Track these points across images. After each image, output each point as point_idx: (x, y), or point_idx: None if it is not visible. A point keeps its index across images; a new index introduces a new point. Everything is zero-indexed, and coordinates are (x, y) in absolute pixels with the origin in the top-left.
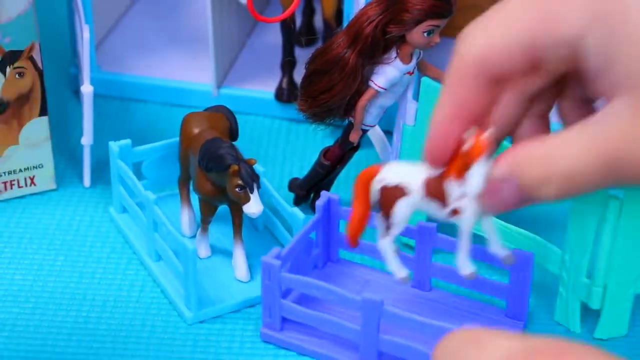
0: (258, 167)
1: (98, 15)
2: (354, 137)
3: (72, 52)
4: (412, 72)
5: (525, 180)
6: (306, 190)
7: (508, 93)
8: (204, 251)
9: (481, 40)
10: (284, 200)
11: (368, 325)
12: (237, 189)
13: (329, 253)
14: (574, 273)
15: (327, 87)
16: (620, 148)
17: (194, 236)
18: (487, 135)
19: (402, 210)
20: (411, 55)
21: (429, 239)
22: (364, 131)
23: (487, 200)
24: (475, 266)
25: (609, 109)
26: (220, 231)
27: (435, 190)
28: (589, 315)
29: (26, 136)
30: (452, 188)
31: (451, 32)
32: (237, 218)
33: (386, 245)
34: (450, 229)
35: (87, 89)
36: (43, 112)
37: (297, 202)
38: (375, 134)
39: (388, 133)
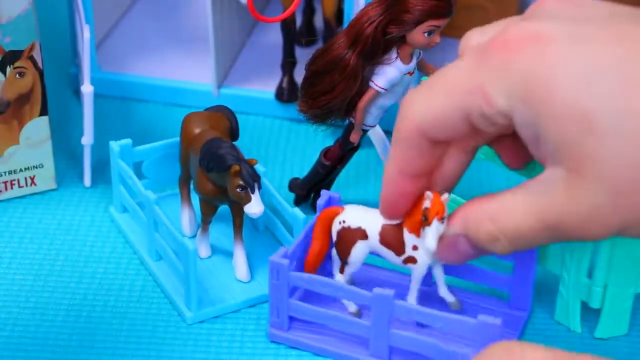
0: (259, 167)
1: (98, 15)
2: (354, 138)
3: (72, 52)
4: (413, 73)
5: (478, 238)
6: (306, 190)
7: (452, 149)
8: (204, 251)
9: (423, 108)
10: (285, 201)
11: (379, 320)
12: (238, 189)
13: (329, 253)
14: (575, 272)
15: (328, 88)
16: (558, 217)
17: (194, 236)
18: (445, 197)
19: (358, 252)
20: (411, 56)
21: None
22: (365, 131)
23: (445, 254)
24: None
25: (546, 178)
26: (221, 231)
27: (390, 239)
28: (590, 314)
29: (26, 136)
30: (408, 238)
31: (452, 32)
32: (238, 218)
33: (342, 280)
34: None
35: (87, 88)
36: (43, 112)
37: (297, 202)
38: (376, 134)
39: (388, 133)
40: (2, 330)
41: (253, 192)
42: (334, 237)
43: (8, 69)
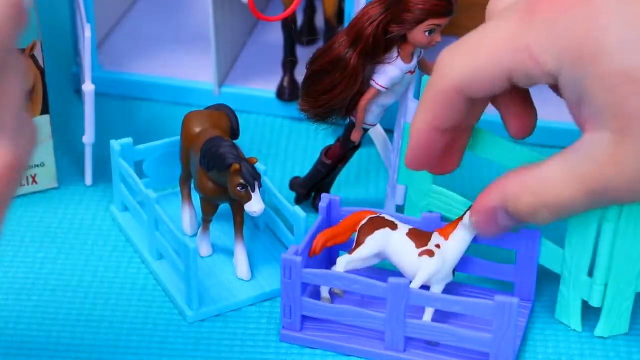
0: (259, 166)
1: (100, 14)
2: (355, 137)
3: (73, 51)
4: (414, 72)
5: (519, 211)
6: (307, 189)
7: (479, 104)
8: (205, 250)
9: (464, 66)
10: (286, 199)
11: (395, 310)
12: (238, 188)
13: (330, 255)
14: (575, 271)
15: (329, 88)
16: (603, 181)
17: (195, 235)
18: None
19: (380, 237)
20: (412, 55)
21: (433, 228)
22: (366, 130)
23: (483, 226)
24: None
25: (587, 142)
26: (222, 230)
27: (417, 234)
28: (590, 313)
29: None
30: (435, 238)
31: (453, 31)
32: (239, 217)
33: (343, 260)
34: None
35: (88, 87)
36: (45, 110)
37: (298, 201)
38: (377, 132)
39: (389, 132)
40: (4, 329)
41: (254, 191)
42: (364, 222)
43: None
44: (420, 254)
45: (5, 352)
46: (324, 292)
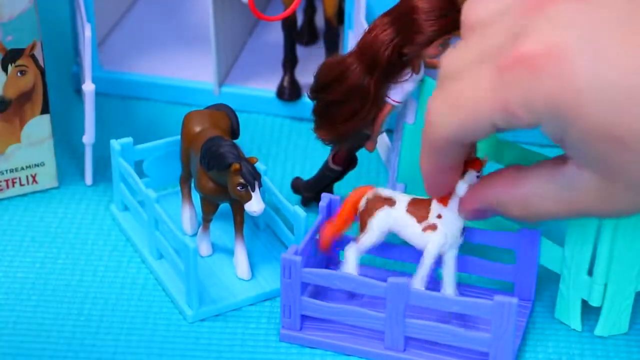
0: (259, 166)
1: (100, 13)
2: (370, 147)
3: (73, 51)
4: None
5: (509, 216)
6: (314, 193)
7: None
8: (205, 249)
9: (449, 123)
10: (286, 199)
11: (394, 310)
12: (238, 188)
13: (330, 255)
14: (575, 270)
15: (349, 116)
16: (589, 210)
17: (195, 234)
18: (484, 159)
19: (381, 218)
20: (421, 63)
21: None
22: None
23: (472, 218)
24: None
25: (574, 174)
26: (222, 229)
27: (417, 207)
28: (590, 312)
29: (28, 134)
30: (434, 207)
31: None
32: (239, 216)
33: (352, 251)
34: None
35: (88, 87)
36: (45, 110)
37: (305, 203)
38: (380, 138)
39: (389, 132)
40: (3, 328)
41: (253, 191)
42: (362, 206)
43: (10, 68)
44: (424, 229)
45: (5, 352)
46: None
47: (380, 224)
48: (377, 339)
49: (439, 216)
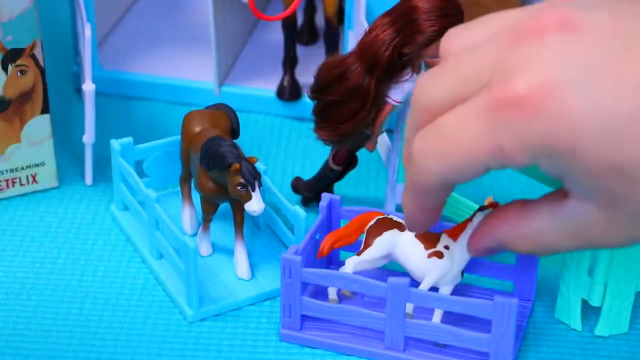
0: (259, 165)
1: (100, 13)
2: (370, 147)
3: (74, 50)
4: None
5: (515, 250)
6: (314, 193)
7: None
8: (205, 249)
9: (440, 168)
10: (286, 199)
11: (394, 310)
12: (238, 187)
13: (330, 255)
14: (575, 271)
15: (350, 117)
16: (597, 240)
17: (195, 234)
18: (488, 200)
19: (387, 238)
20: (421, 63)
21: (439, 229)
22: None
23: (476, 252)
24: None
25: (577, 208)
26: (222, 229)
27: (426, 236)
28: (590, 312)
29: (28, 134)
30: (444, 239)
31: None
32: (239, 216)
33: (350, 265)
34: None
35: (88, 87)
36: (45, 110)
37: (305, 203)
38: (380, 138)
39: (389, 131)
40: (3, 328)
41: (254, 190)
42: (371, 223)
43: (10, 67)
44: (429, 255)
45: (4, 352)
46: (332, 293)
47: (384, 242)
48: (377, 339)
49: (446, 247)
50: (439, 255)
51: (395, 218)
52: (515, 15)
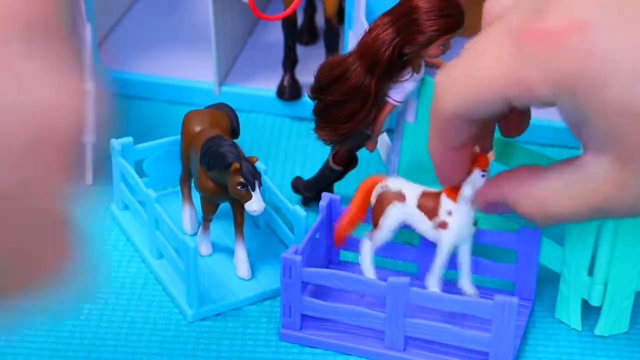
0: (260, 165)
1: (100, 13)
2: (371, 147)
3: None
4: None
5: (521, 213)
6: (315, 193)
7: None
8: (205, 249)
9: (462, 97)
10: (286, 199)
11: (394, 309)
12: (238, 187)
13: (330, 255)
14: (575, 270)
15: (350, 117)
16: (607, 204)
17: (195, 234)
18: (490, 154)
19: (392, 214)
20: (421, 62)
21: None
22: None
23: (484, 211)
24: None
25: (591, 164)
26: (222, 229)
27: (427, 203)
28: (590, 312)
29: None
30: (444, 202)
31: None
32: (239, 216)
33: (367, 246)
34: None
35: (88, 86)
36: None
37: (305, 203)
38: (380, 138)
39: (389, 131)
40: None
41: (254, 190)
42: (373, 201)
43: None
44: (436, 227)
45: (4, 352)
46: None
47: (392, 221)
48: (377, 338)
49: (450, 213)
50: (444, 225)
51: (392, 187)
52: None
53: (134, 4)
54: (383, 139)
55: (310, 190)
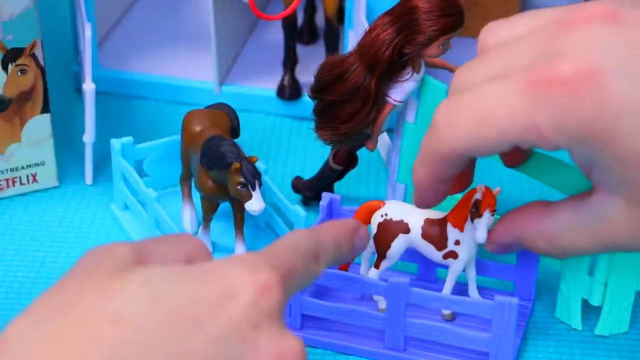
0: (260, 165)
1: (100, 12)
2: (371, 147)
3: (74, 50)
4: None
5: (535, 250)
6: (315, 193)
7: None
8: None
9: (466, 136)
10: (286, 198)
11: (394, 309)
12: (238, 187)
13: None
14: (575, 270)
15: (350, 117)
16: (618, 242)
17: (195, 233)
18: (496, 190)
19: (398, 246)
20: (421, 62)
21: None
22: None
23: (493, 249)
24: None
25: (603, 204)
26: (222, 228)
27: (433, 233)
28: (590, 312)
29: (28, 133)
30: (451, 233)
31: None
32: (239, 215)
33: (373, 273)
34: None
35: (89, 86)
36: (45, 109)
37: (306, 203)
38: (381, 138)
39: (389, 131)
40: (3, 327)
41: (254, 190)
42: (374, 230)
43: (10, 67)
44: (445, 257)
45: None
46: (381, 304)
47: (398, 251)
48: (377, 338)
49: (457, 242)
50: (454, 255)
51: (393, 217)
52: (558, 11)
53: (134, 4)
54: (383, 139)
55: (310, 190)
